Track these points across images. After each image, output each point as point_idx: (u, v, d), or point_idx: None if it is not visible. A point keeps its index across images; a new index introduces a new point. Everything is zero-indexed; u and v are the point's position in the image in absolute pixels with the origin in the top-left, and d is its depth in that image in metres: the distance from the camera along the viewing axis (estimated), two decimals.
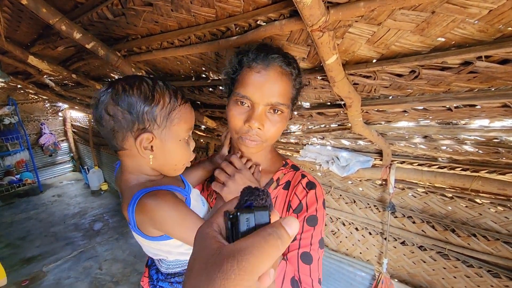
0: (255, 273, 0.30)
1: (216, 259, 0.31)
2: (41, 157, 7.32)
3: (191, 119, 0.81)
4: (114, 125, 0.72)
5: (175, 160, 0.80)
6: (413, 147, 1.65)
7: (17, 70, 3.19)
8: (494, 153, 1.36)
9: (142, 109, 0.71)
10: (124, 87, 0.72)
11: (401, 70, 0.90)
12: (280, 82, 0.79)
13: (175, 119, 0.75)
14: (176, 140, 0.78)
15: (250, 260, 0.30)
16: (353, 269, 2.37)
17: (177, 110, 0.76)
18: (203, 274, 0.31)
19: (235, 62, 0.84)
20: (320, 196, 0.91)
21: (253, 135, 0.82)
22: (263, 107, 0.80)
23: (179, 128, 0.77)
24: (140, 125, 0.73)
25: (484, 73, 0.80)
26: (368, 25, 0.77)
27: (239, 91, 0.80)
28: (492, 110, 1.00)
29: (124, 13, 1.11)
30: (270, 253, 0.32)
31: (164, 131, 0.75)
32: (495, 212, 1.69)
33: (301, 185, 0.92)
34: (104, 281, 3.60)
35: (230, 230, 0.36)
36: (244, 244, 0.32)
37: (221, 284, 0.29)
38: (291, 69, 0.81)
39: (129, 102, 0.71)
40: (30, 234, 4.79)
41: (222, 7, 0.89)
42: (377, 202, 2.19)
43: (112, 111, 0.71)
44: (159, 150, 0.76)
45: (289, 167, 1.01)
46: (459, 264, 1.84)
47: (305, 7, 0.63)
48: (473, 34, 0.71)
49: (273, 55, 0.78)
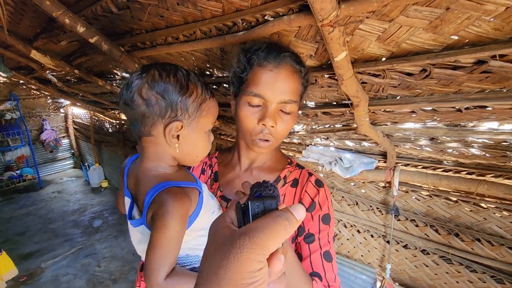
0: (265, 249, 0.33)
1: (230, 238, 0.35)
2: (42, 153, 7.33)
3: (216, 112, 0.82)
4: (145, 110, 0.72)
5: (197, 151, 0.81)
6: (419, 149, 1.62)
7: (20, 65, 3.18)
8: (502, 156, 1.33)
9: (176, 98, 0.72)
10: (160, 73, 0.72)
11: (411, 68, 0.88)
12: (291, 80, 0.81)
13: (204, 111, 0.77)
14: (202, 132, 0.79)
15: (261, 236, 0.33)
16: (354, 272, 2.34)
17: (207, 103, 0.77)
18: (218, 252, 0.34)
19: (244, 61, 0.84)
20: (329, 194, 0.93)
21: (266, 134, 0.83)
22: (275, 105, 0.81)
23: (207, 120, 0.79)
24: (173, 113, 0.73)
25: (498, 73, 0.78)
26: (379, 22, 0.75)
27: (251, 90, 0.80)
28: (503, 112, 0.98)
29: (129, 6, 1.10)
30: (279, 231, 0.34)
31: (193, 121, 0.76)
32: (500, 217, 1.66)
33: (311, 183, 0.93)
34: (102, 279, 3.58)
35: (241, 218, 0.40)
36: (255, 224, 0.35)
37: (234, 258, 0.32)
38: (300, 67, 0.83)
39: (165, 88, 0.71)
40: (29, 230, 4.78)
41: (229, 1, 0.87)
42: (380, 205, 2.16)
43: (146, 95, 0.71)
44: (185, 140, 0.77)
45: (294, 165, 1.01)
46: (462, 269, 1.81)
47: (316, 1, 0.61)
48: (488, 32, 0.69)
49: (285, 53, 0.80)
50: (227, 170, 1.05)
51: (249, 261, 0.32)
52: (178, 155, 0.79)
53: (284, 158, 1.05)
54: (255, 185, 0.43)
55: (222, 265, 0.33)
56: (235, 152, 1.06)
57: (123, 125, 5.57)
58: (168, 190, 0.71)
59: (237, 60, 0.87)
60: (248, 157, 1.01)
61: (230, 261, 0.32)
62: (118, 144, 5.77)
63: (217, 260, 0.34)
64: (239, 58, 0.86)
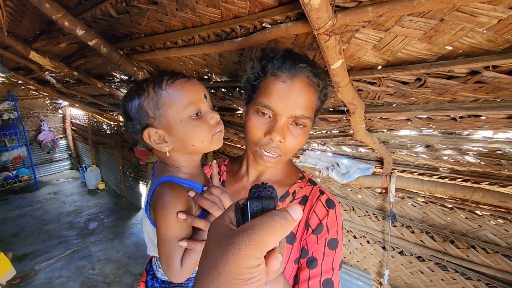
0: (263, 245, 0.34)
1: (228, 235, 0.36)
2: (39, 154, 7.30)
3: (186, 95, 0.73)
4: (128, 129, 0.77)
5: (190, 141, 0.76)
6: (415, 156, 1.63)
7: (19, 66, 3.18)
8: (496, 164, 1.34)
9: (134, 109, 0.73)
10: (126, 94, 0.76)
11: (406, 77, 0.89)
12: (306, 94, 0.76)
13: (164, 104, 0.72)
14: (178, 124, 0.73)
15: (258, 233, 0.34)
16: (349, 277, 2.33)
17: (164, 95, 0.72)
18: (217, 248, 0.36)
19: (258, 68, 0.80)
20: (339, 216, 0.85)
21: (273, 147, 0.78)
22: (286, 119, 0.76)
23: (176, 109, 0.72)
24: (141, 124, 0.74)
25: (491, 83, 0.79)
26: (375, 31, 0.77)
27: (261, 100, 0.76)
28: (496, 121, 0.99)
29: (128, 11, 1.10)
30: (276, 229, 0.36)
31: (161, 119, 0.73)
32: (495, 225, 1.67)
33: (321, 202, 0.86)
34: (96, 282, 3.55)
35: (240, 218, 0.41)
36: (253, 222, 0.37)
37: (233, 253, 0.33)
38: (318, 80, 0.78)
39: (124, 107, 0.75)
40: (23, 231, 4.74)
41: (228, 8, 0.88)
42: (376, 211, 2.16)
43: (123, 120, 0.77)
44: (170, 139, 0.75)
45: (306, 181, 0.95)
46: (457, 276, 1.82)
47: (312, 10, 0.62)
48: (481, 43, 0.70)
49: (301, 65, 0.74)
50: (235, 180, 1.00)
51: (247, 257, 0.33)
52: (176, 154, 0.78)
53: (296, 172, 0.98)
54: (254, 186, 0.44)
55: (221, 261, 0.34)
56: (243, 163, 1.00)
57: (121, 127, 5.57)
58: (165, 184, 0.73)
59: (251, 66, 0.83)
60: (256, 169, 0.96)
61: (229, 256, 0.33)
62: (115, 146, 5.76)
63: (216, 256, 0.35)
64: (253, 64, 0.82)
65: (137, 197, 5.62)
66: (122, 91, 2.83)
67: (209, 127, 0.76)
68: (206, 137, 0.76)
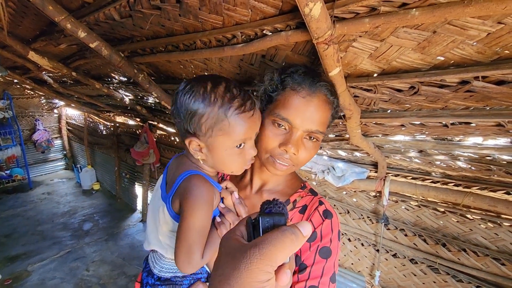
0: (274, 260, 0.35)
1: (241, 250, 0.37)
2: (33, 154, 7.22)
3: (243, 132, 0.75)
4: (176, 121, 0.78)
5: (223, 166, 0.80)
6: (408, 161, 1.68)
7: (16, 65, 3.17)
8: (486, 170, 1.39)
9: (189, 113, 0.73)
10: (186, 87, 0.74)
11: (401, 85, 0.93)
12: (322, 110, 0.79)
13: (220, 130, 0.73)
14: (222, 150, 0.76)
15: (270, 248, 0.35)
16: (344, 279, 2.36)
17: (225, 122, 0.72)
18: (229, 262, 0.37)
19: (277, 80, 0.82)
20: (335, 227, 0.85)
21: (286, 159, 0.80)
22: (301, 132, 0.79)
23: (225, 139, 0.74)
24: (188, 127, 0.75)
25: (481, 93, 0.83)
26: (371, 41, 0.80)
27: (280, 113, 0.78)
28: (486, 128, 1.03)
29: (132, 15, 1.13)
30: (287, 244, 0.37)
31: (209, 139, 0.75)
32: (485, 228, 1.71)
33: (318, 212, 0.87)
34: (90, 283, 3.53)
35: (251, 232, 0.42)
36: (264, 237, 0.38)
37: (245, 267, 0.34)
38: (334, 98, 0.82)
39: (183, 103, 0.73)
40: (16, 231, 4.68)
41: (230, 15, 0.91)
42: (371, 214, 2.20)
43: (174, 107, 0.76)
44: (207, 154, 0.78)
45: (307, 191, 0.96)
46: (449, 278, 1.86)
47: (312, 20, 0.65)
48: (472, 55, 0.74)
49: (321, 83, 0.78)
50: (238, 188, 0.98)
51: (259, 271, 0.34)
52: (206, 164, 0.83)
53: (298, 182, 1.00)
54: (266, 202, 0.45)
55: (233, 274, 0.35)
56: (247, 171, 1.01)
57: (117, 127, 5.55)
58: (198, 177, 0.77)
59: (270, 78, 0.84)
60: (261, 178, 0.97)
61: (241, 271, 0.34)
62: (112, 147, 5.73)
63: (228, 269, 0.36)
64: (273, 76, 0.83)
65: (132, 198, 5.59)
66: (121, 92, 2.84)
67: (244, 161, 0.80)
68: (238, 168, 0.81)
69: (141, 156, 4.16)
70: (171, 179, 0.85)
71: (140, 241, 4.50)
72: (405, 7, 0.66)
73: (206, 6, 0.90)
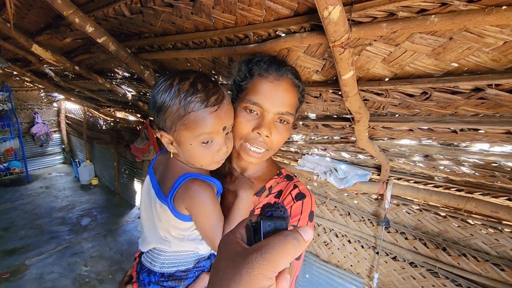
0: (276, 265, 0.35)
1: (242, 254, 0.36)
2: (31, 147, 7.18)
3: (206, 126, 0.75)
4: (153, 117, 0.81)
5: (194, 160, 0.83)
6: (412, 165, 1.68)
7: (16, 57, 3.14)
8: (490, 176, 1.39)
9: (156, 110, 0.77)
10: (159, 82, 0.76)
11: (413, 90, 0.93)
12: (290, 93, 0.84)
13: (182, 125, 0.75)
14: (187, 145, 0.78)
15: (272, 253, 0.35)
16: (343, 281, 2.38)
17: (186, 118, 0.74)
18: (230, 267, 0.36)
19: (245, 70, 0.86)
20: (307, 208, 0.89)
21: (260, 142, 0.84)
22: (272, 115, 0.83)
23: (189, 133, 0.76)
24: (159, 124, 0.79)
25: (493, 100, 0.83)
26: (386, 45, 0.80)
27: (250, 98, 0.82)
28: (494, 135, 1.03)
29: (142, 11, 1.12)
30: (289, 249, 0.36)
31: (175, 134, 0.78)
32: (486, 234, 1.73)
33: (290, 196, 0.92)
34: (88, 278, 3.52)
35: (252, 236, 0.41)
36: (266, 242, 0.37)
37: (246, 272, 0.33)
38: (299, 82, 0.87)
39: (152, 96, 0.77)
40: (14, 225, 4.66)
41: (243, 14, 0.90)
42: (371, 216, 2.21)
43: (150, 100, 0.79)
44: (179, 148, 0.81)
45: (283, 177, 1.00)
46: (448, 282, 1.87)
47: (330, 23, 0.65)
48: (486, 62, 0.74)
49: (287, 67, 0.83)
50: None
51: (261, 276, 0.33)
52: (179, 158, 0.86)
53: (274, 169, 1.04)
54: (267, 206, 0.45)
55: (234, 279, 0.34)
56: (226, 161, 1.04)
57: (117, 123, 5.53)
58: (196, 181, 0.79)
59: (238, 69, 0.89)
60: (239, 165, 1.01)
61: (242, 275, 0.33)
62: (111, 142, 5.70)
63: (229, 274, 0.35)
64: (240, 67, 0.88)
65: (131, 194, 5.57)
66: (123, 88, 2.82)
67: (212, 156, 0.82)
68: (206, 162, 0.83)
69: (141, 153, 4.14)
70: (164, 179, 0.87)
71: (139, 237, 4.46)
72: (423, 13, 0.66)
73: (220, 5, 0.90)
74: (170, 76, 0.76)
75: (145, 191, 0.94)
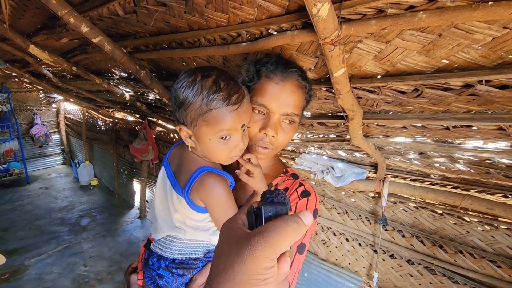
0: (277, 247, 0.36)
1: (245, 237, 0.38)
2: (31, 148, 7.18)
3: (226, 123, 0.77)
4: (172, 108, 0.84)
5: (211, 155, 0.85)
6: (408, 163, 1.68)
7: (15, 58, 3.14)
8: (485, 173, 1.40)
9: (178, 105, 0.78)
10: (181, 76, 0.78)
11: (404, 87, 0.93)
12: (296, 94, 0.85)
13: (204, 120, 0.77)
14: (206, 140, 0.80)
15: (274, 236, 0.36)
16: (341, 279, 2.38)
17: (207, 114, 0.75)
18: (233, 250, 0.37)
19: (253, 71, 0.88)
20: (311, 206, 0.91)
21: (267, 142, 0.87)
22: (278, 116, 0.85)
23: (209, 129, 0.78)
24: (179, 118, 0.81)
25: (483, 96, 0.84)
26: (376, 42, 0.80)
27: (257, 99, 0.84)
28: (487, 132, 1.04)
29: (136, 11, 1.12)
30: (290, 232, 0.38)
31: (195, 129, 0.80)
32: (482, 231, 1.73)
33: (296, 193, 0.94)
34: (88, 278, 3.52)
35: (253, 221, 0.43)
36: (268, 225, 0.38)
37: (249, 254, 0.35)
38: (305, 83, 0.87)
39: (174, 91, 0.79)
40: (14, 225, 4.66)
41: (236, 13, 0.90)
42: (369, 214, 2.21)
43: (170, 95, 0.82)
44: (196, 143, 0.83)
45: (289, 175, 1.03)
46: (445, 279, 1.87)
47: (320, 21, 0.65)
48: (476, 58, 0.75)
49: (292, 69, 0.84)
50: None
51: (263, 258, 0.35)
52: (196, 151, 0.88)
53: (281, 167, 1.06)
54: (268, 192, 0.46)
55: (237, 261, 0.35)
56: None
57: (116, 123, 5.53)
58: (211, 175, 0.82)
59: (246, 69, 0.90)
60: None
61: (245, 257, 0.35)
62: (110, 143, 5.71)
63: (232, 256, 0.37)
64: (249, 68, 0.89)
65: (130, 195, 5.58)
66: (121, 88, 2.83)
67: (229, 151, 0.83)
68: (223, 157, 0.85)
69: (140, 153, 4.15)
70: (180, 171, 0.90)
71: (138, 237, 4.49)
72: (412, 10, 0.66)
73: (212, 4, 0.90)
74: (192, 72, 0.77)
75: (160, 181, 0.97)
